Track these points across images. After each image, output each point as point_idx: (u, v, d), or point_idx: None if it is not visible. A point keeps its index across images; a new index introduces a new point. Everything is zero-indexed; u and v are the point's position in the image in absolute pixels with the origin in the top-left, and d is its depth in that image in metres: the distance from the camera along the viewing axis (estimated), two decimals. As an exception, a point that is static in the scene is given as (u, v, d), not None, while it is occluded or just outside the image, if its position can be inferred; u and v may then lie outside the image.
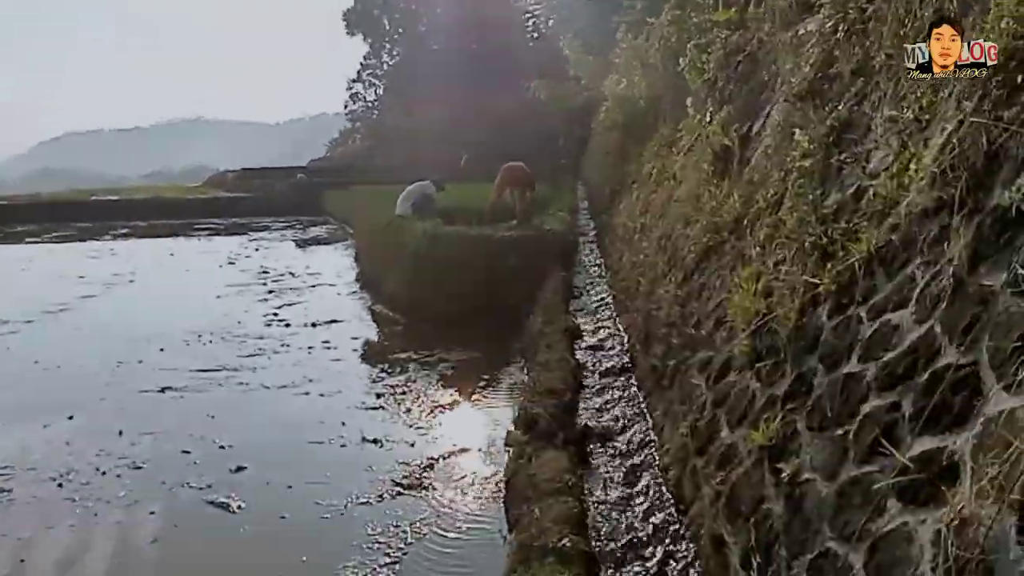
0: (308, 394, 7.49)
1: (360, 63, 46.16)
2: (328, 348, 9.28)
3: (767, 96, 6.73)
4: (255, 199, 31.63)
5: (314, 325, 10.53)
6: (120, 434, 6.47)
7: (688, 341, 5.44)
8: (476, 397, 7.40)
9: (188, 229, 25.78)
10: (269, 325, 10.61)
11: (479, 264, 10.60)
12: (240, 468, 5.66)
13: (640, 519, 4.01)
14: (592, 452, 4.92)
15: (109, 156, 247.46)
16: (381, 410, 6.92)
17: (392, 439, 6.14)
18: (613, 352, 7.16)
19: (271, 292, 13.31)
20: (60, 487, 5.48)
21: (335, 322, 10.70)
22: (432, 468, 5.49)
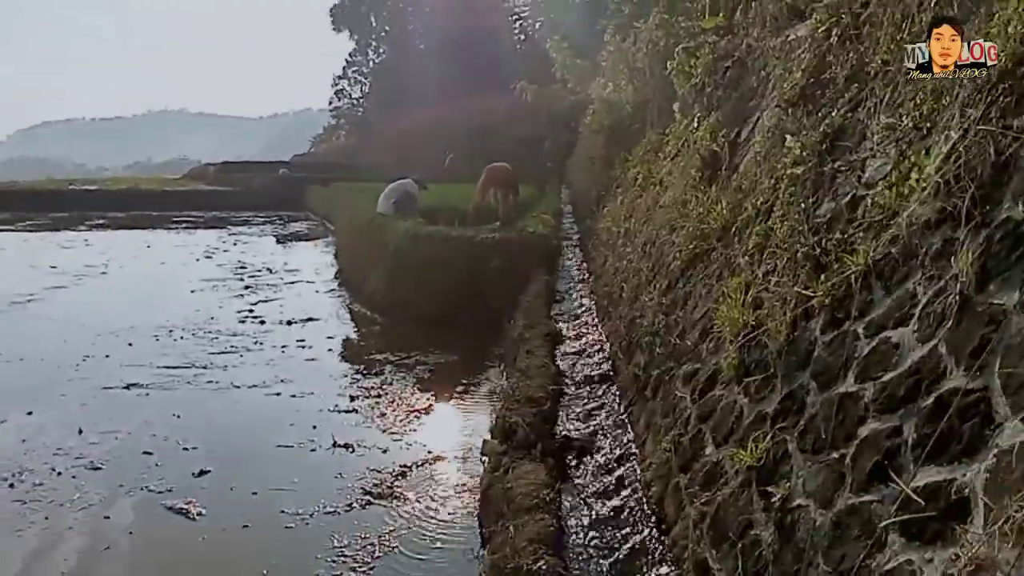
0: (279, 395, 7.24)
1: (346, 60, 45.85)
2: (303, 347, 9.03)
3: (756, 102, 6.60)
4: (236, 193, 31.34)
5: (290, 323, 10.28)
6: (80, 432, 6.21)
7: (672, 351, 5.27)
8: (453, 402, 7.20)
9: (166, 222, 25.39)
10: (243, 322, 10.34)
11: (460, 265, 10.41)
12: (203, 472, 5.42)
13: (619, 540, 3.82)
14: (571, 465, 4.73)
15: (90, 145, 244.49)
16: (354, 413, 6.70)
17: (365, 444, 5.92)
18: (595, 359, 6.98)
19: (247, 288, 13.04)
20: (11, 487, 5.21)
21: (311, 320, 10.46)
22: (405, 476, 5.28)
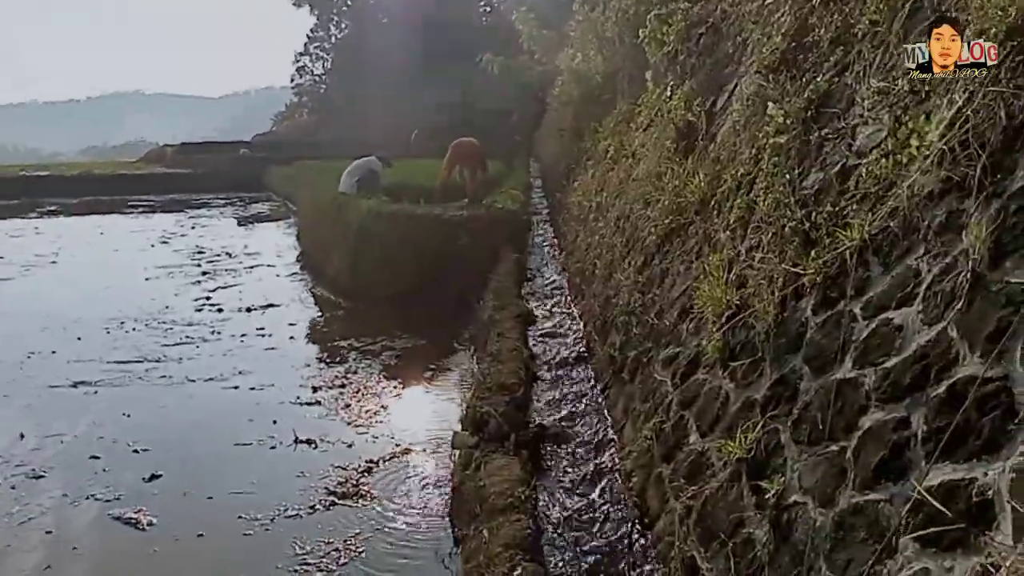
0: (237, 388, 6.88)
1: (307, 35, 44.61)
2: (262, 335, 8.64)
3: (732, 69, 6.34)
4: (195, 175, 30.45)
5: (249, 310, 9.86)
6: (21, 437, 5.81)
7: (650, 331, 5.03)
8: (421, 389, 6.90)
9: (122, 207, 24.54)
10: (200, 310, 9.90)
11: (427, 244, 10.06)
12: (154, 476, 5.06)
13: (600, 535, 3.59)
14: (546, 455, 4.48)
15: (42, 130, 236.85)
16: (317, 406, 6.36)
17: (328, 439, 5.60)
18: (569, 340, 6.74)
19: (205, 274, 12.54)
20: (-55, 501, 4.81)
21: (272, 306, 10.05)
22: (371, 473, 4.98)
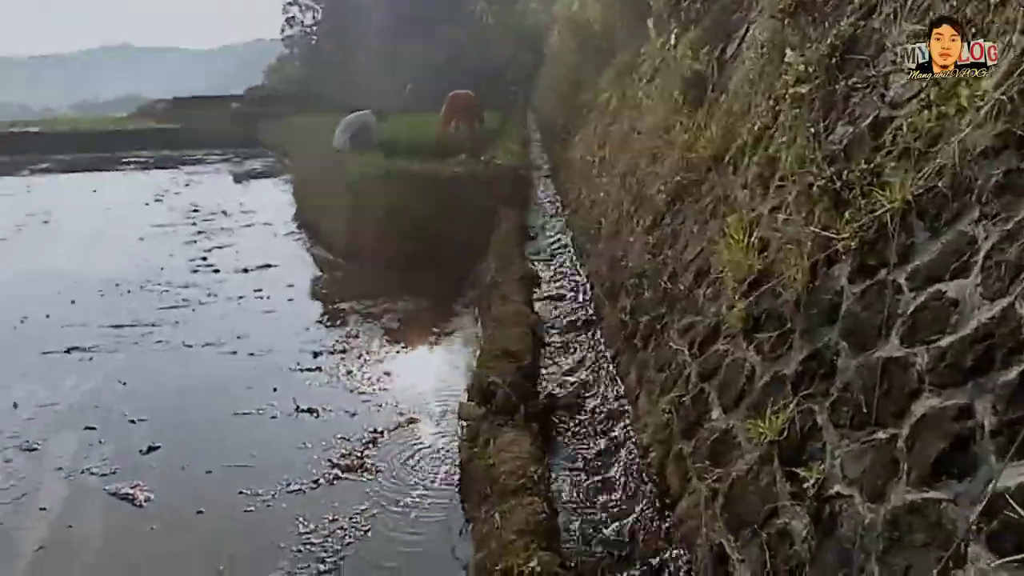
0: (235, 353, 6.68)
1: (296, -17, 43.26)
2: (260, 298, 8.43)
3: (742, 14, 6.01)
4: (188, 130, 29.88)
5: (245, 271, 9.63)
6: (15, 407, 5.63)
7: (663, 296, 4.82)
8: (425, 354, 6.72)
9: (114, 163, 24.10)
10: (195, 271, 9.67)
11: (426, 202, 9.78)
12: (152, 448, 4.90)
13: (618, 516, 3.43)
14: (557, 427, 4.30)
15: (30, 85, 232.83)
16: (318, 372, 6.17)
17: (330, 408, 5.43)
18: (575, 303, 6.53)
19: (200, 233, 12.28)
20: (-67, 476, 4.65)
21: (269, 267, 9.81)
22: (376, 444, 4.81)
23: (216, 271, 9.66)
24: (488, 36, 27.42)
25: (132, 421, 5.36)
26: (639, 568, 3.05)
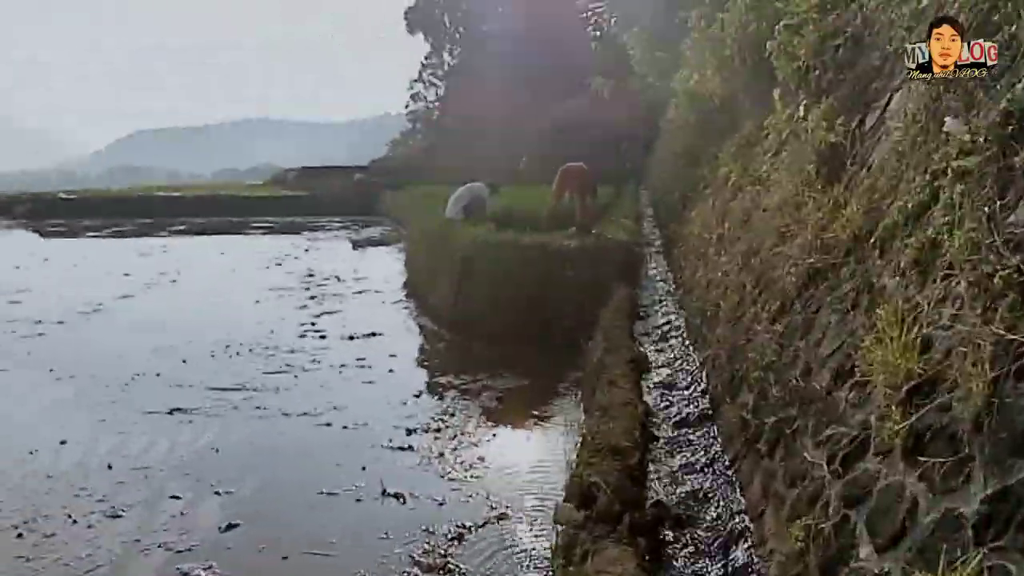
0: (330, 425, 6.49)
1: (421, 62, 45.64)
2: (362, 367, 8.30)
3: (881, 83, 5.45)
4: (314, 197, 31.52)
5: (351, 338, 9.60)
6: (109, 468, 5.61)
7: (793, 395, 4.20)
8: (522, 440, 6.29)
9: (244, 227, 25.52)
10: (303, 336, 9.73)
11: (533, 276, 9.50)
12: (231, 526, 4.67)
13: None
14: (666, 543, 3.74)
15: (180, 153, 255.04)
16: (410, 451, 5.85)
17: (418, 494, 5.06)
18: (689, 393, 5.94)
19: (312, 298, 12.52)
20: (19, 537, 4.57)
21: (374, 335, 9.75)
22: (461, 541, 4.38)
23: (323, 337, 9.69)
24: (603, 111, 27.58)
25: (217, 493, 5.18)
26: None
